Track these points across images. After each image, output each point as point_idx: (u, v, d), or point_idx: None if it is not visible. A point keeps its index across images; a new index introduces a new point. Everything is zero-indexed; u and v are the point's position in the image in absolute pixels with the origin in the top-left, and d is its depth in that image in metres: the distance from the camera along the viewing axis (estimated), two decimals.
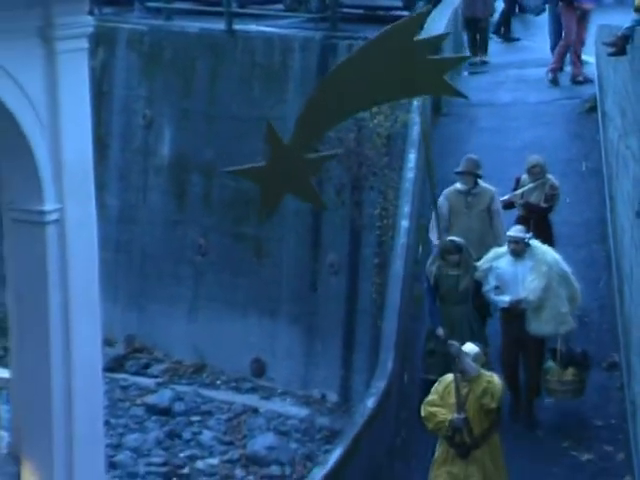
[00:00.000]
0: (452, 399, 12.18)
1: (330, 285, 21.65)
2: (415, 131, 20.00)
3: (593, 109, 21.77)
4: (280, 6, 25.62)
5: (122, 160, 23.74)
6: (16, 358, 14.75)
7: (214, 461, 19.87)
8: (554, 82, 23.91)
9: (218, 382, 22.38)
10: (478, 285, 14.77)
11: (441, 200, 15.72)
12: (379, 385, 16.69)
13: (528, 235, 14.74)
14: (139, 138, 23.98)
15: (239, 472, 19.62)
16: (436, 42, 10.06)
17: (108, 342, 17.18)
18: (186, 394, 21.80)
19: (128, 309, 20.80)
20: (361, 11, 24.18)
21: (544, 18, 26.31)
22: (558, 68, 24.14)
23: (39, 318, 13.77)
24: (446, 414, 12.17)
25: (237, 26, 22.96)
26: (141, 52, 23.75)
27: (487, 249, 15.16)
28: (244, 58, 22.74)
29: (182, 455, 20.18)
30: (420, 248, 18.69)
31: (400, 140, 20.19)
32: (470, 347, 12.44)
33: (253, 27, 22.93)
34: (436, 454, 12.66)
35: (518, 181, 16.63)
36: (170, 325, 22.70)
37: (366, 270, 20.97)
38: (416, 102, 20.26)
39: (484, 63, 25.79)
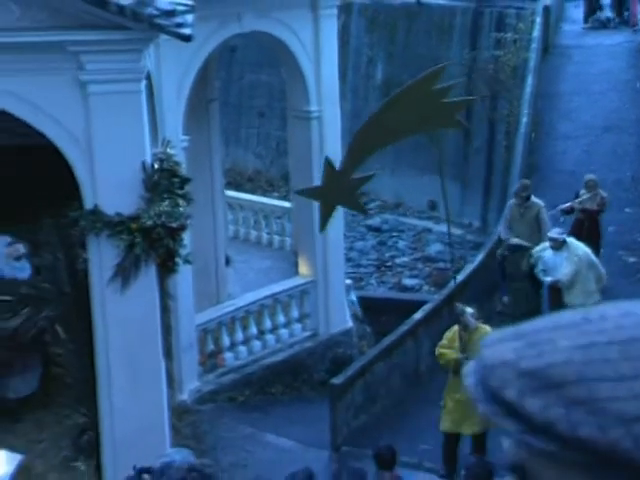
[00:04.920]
0: (457, 343, 10.96)
1: (475, 159, 21.04)
2: (532, 64, 19.25)
3: None
4: None
5: (353, 82, 23.09)
6: (295, 197, 15.21)
7: (406, 259, 20.14)
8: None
9: (408, 213, 22.24)
10: (532, 267, 13.48)
11: (506, 209, 14.67)
12: None
13: (563, 236, 13.27)
14: (363, 69, 23.45)
15: (420, 265, 19.88)
16: (447, 90, 9.86)
17: None
18: (389, 219, 21.92)
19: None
20: None
21: None
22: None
23: (309, 173, 14.08)
24: (453, 354, 10.95)
25: (423, 0, 22.31)
26: (366, 17, 23.28)
27: (533, 245, 13.77)
28: (426, 20, 22.27)
29: (387, 255, 20.48)
30: (533, 135, 18.18)
31: (522, 69, 19.60)
32: (468, 308, 11.15)
33: (433, 0, 22.30)
34: (448, 381, 11.19)
35: (577, 194, 14.75)
36: (380, 178, 22.09)
37: (498, 149, 20.38)
38: (534, 44, 19.62)
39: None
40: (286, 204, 16.81)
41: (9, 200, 11.10)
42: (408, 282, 19.01)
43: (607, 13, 22.73)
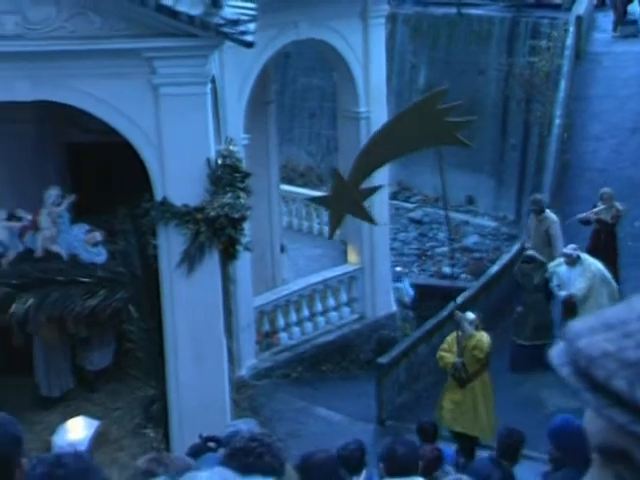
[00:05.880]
0: (455, 347, 10.72)
1: (511, 156, 20.70)
2: (564, 69, 19.03)
3: None
4: None
5: (398, 86, 21.93)
6: None
7: (444, 249, 19.60)
8: None
9: (447, 206, 21.78)
10: (547, 281, 13.00)
11: (529, 220, 14.32)
12: None
13: (577, 252, 12.77)
14: (407, 74, 22.71)
15: (458, 255, 19.31)
16: (450, 110, 9.76)
17: (390, 185, 17.09)
18: (429, 212, 21.60)
19: (399, 167, 20.42)
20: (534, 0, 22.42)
21: None
22: None
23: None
24: (451, 358, 10.72)
25: (463, 10, 21.91)
26: (410, 25, 22.87)
27: (545, 258, 13.28)
28: (466, 28, 21.81)
29: (427, 245, 20.36)
30: (565, 135, 18.03)
31: (555, 74, 19.35)
32: (469, 314, 10.78)
33: (473, 10, 22.06)
34: (446, 383, 11.13)
35: (595, 205, 14.08)
36: (422, 175, 21.43)
37: (532, 148, 19.84)
38: (567, 51, 19.37)
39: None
40: None
41: (89, 192, 11.30)
42: (447, 270, 18.81)
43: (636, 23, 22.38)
